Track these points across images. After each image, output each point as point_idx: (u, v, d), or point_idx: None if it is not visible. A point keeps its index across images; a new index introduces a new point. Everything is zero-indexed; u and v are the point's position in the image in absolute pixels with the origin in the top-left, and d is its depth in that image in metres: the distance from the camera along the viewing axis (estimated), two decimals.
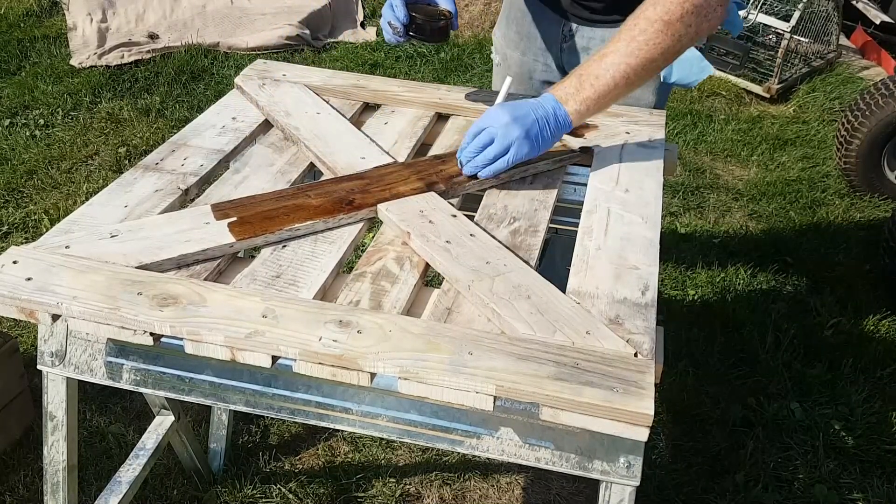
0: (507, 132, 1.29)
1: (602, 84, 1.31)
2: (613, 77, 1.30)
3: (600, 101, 1.32)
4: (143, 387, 1.19)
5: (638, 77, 1.32)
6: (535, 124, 1.30)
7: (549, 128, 1.31)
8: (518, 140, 1.29)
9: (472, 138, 1.33)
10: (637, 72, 1.31)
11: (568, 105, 1.32)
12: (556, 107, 1.31)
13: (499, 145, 1.29)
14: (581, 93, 1.31)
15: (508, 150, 1.30)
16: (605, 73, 1.30)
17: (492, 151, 1.30)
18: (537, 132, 1.30)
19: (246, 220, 1.22)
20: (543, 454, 1.07)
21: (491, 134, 1.30)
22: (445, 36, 1.54)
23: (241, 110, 1.59)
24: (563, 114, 1.31)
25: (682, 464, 2.04)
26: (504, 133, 1.29)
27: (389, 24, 1.51)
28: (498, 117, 1.30)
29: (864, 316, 2.58)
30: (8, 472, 1.94)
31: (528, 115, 1.30)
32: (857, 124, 3.16)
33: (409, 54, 4.28)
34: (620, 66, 1.30)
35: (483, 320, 1.07)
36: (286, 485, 1.93)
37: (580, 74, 1.33)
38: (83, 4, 4.24)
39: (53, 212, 2.87)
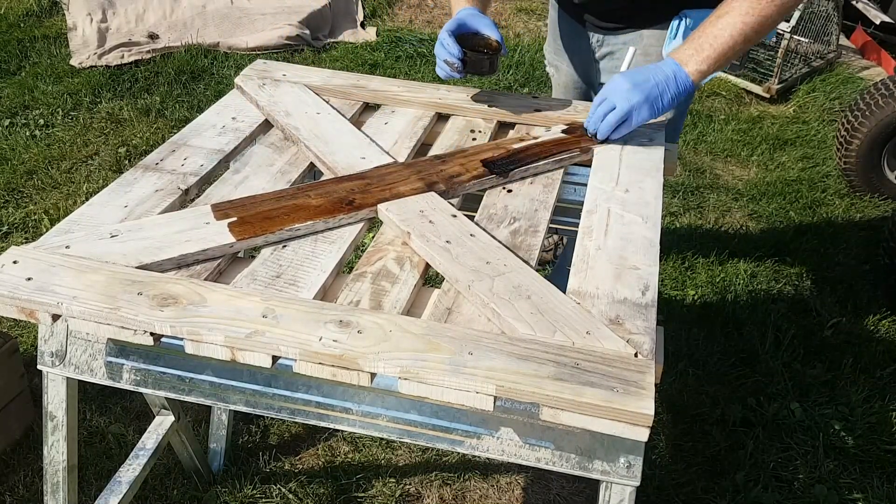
0: (626, 98, 1.37)
1: (721, 42, 1.37)
2: (731, 35, 1.36)
3: (720, 59, 1.38)
4: (143, 387, 1.19)
5: (756, 33, 1.38)
6: (654, 88, 1.37)
7: (668, 91, 1.38)
8: (638, 105, 1.37)
9: (595, 107, 1.41)
10: (755, 28, 1.37)
11: (688, 66, 1.38)
12: (677, 69, 1.38)
13: (619, 111, 1.38)
14: (700, 53, 1.38)
15: (630, 115, 1.38)
16: (722, 31, 1.37)
17: (613, 117, 1.38)
18: (657, 95, 1.37)
19: (246, 220, 1.22)
20: (543, 454, 1.07)
21: (612, 103, 1.38)
22: (497, 68, 1.58)
23: (241, 110, 1.59)
24: (683, 75, 1.38)
25: (682, 464, 2.04)
26: (624, 99, 1.37)
27: (446, 61, 1.53)
28: (619, 85, 1.38)
29: (864, 316, 2.58)
30: (8, 472, 1.94)
31: (647, 80, 1.37)
32: (857, 124, 3.16)
33: (409, 54, 4.28)
34: (737, 24, 1.36)
35: (483, 320, 1.07)
36: (286, 485, 1.93)
37: (699, 36, 1.39)
38: (83, 4, 4.24)
39: (53, 212, 2.87)
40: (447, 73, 1.54)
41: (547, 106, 1.62)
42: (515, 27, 4.80)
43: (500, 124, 1.61)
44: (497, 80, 4.05)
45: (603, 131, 1.42)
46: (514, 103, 1.63)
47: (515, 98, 1.67)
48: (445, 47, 1.51)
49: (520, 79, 4.07)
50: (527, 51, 4.34)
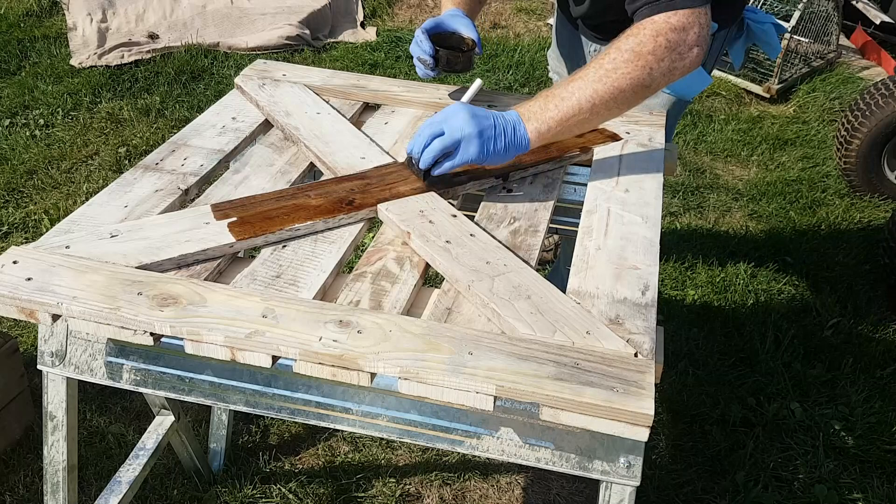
0: (461, 127, 1.24)
1: (567, 106, 1.26)
2: (579, 101, 1.26)
3: (563, 123, 1.27)
4: (143, 387, 1.19)
5: (605, 105, 1.27)
6: (491, 129, 1.25)
7: (504, 138, 1.26)
8: (469, 137, 1.24)
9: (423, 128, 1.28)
10: (604, 99, 1.26)
11: (529, 123, 1.27)
12: (517, 121, 1.27)
13: (449, 139, 1.24)
14: (545, 113, 1.27)
15: (458, 145, 1.25)
16: (570, 95, 1.27)
17: (441, 143, 1.25)
18: (491, 137, 1.25)
19: (246, 220, 1.22)
20: (543, 454, 1.07)
21: (441, 127, 1.25)
22: (471, 66, 1.57)
23: (241, 110, 1.59)
24: (522, 129, 1.27)
25: (682, 464, 2.04)
26: (458, 127, 1.24)
27: (419, 59, 1.52)
28: (455, 111, 1.26)
29: (864, 316, 2.58)
30: (8, 472, 1.94)
31: (486, 117, 1.26)
32: (857, 124, 3.16)
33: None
34: (587, 90, 1.26)
35: (483, 320, 1.07)
36: (286, 485, 1.93)
37: (547, 95, 1.29)
38: (83, 4, 4.24)
39: (53, 212, 2.87)
40: (423, 72, 1.54)
41: None
42: (515, 27, 4.80)
43: None
44: (497, 80, 4.05)
45: (426, 159, 1.27)
46: (513, 103, 1.63)
47: (515, 98, 1.67)
48: (419, 45, 1.52)
49: (520, 79, 4.07)
50: (527, 51, 4.34)
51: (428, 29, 1.54)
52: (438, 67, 1.55)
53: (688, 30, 1.26)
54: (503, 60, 4.24)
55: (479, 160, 1.26)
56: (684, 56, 1.27)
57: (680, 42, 1.26)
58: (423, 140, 1.27)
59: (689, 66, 1.29)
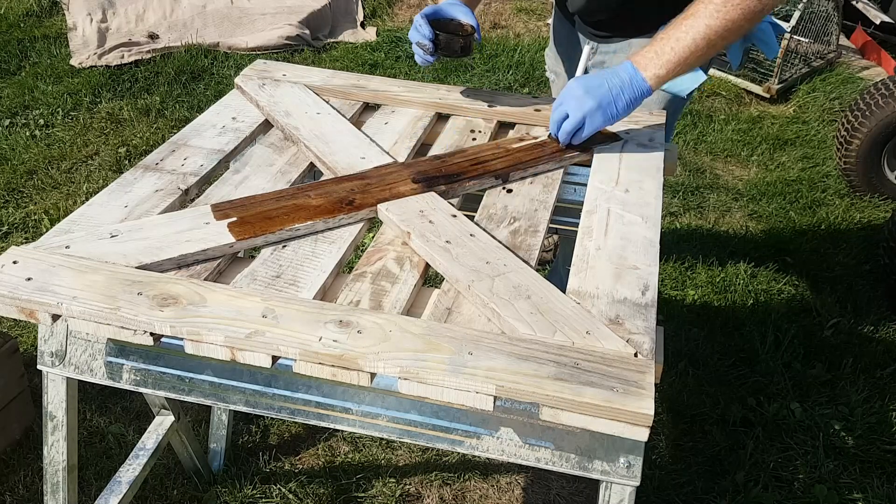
0: (579, 105, 1.34)
1: (682, 46, 1.32)
2: (694, 39, 1.31)
3: (681, 63, 1.33)
4: (143, 387, 1.19)
5: (720, 38, 1.32)
6: (608, 94, 1.33)
7: (623, 96, 1.34)
8: (590, 112, 1.34)
9: (553, 112, 1.40)
10: (719, 33, 1.31)
11: (647, 70, 1.34)
12: (633, 74, 1.34)
13: (573, 119, 1.35)
14: (661, 56, 1.33)
15: (583, 122, 1.35)
16: (685, 35, 1.32)
17: (568, 125, 1.37)
18: (610, 101, 1.33)
19: (246, 220, 1.22)
20: (543, 454, 1.07)
21: (565, 110, 1.36)
22: (471, 51, 1.59)
23: (241, 110, 1.59)
24: (639, 80, 1.34)
25: (682, 464, 2.04)
26: (577, 107, 1.35)
27: (418, 43, 1.54)
28: (573, 91, 1.36)
29: (864, 316, 2.58)
30: (8, 472, 1.94)
31: (601, 85, 1.34)
32: (857, 124, 3.16)
33: (409, 54, 4.28)
34: (701, 28, 1.31)
35: (483, 320, 1.07)
36: (286, 485, 1.93)
37: (661, 38, 1.35)
38: (83, 4, 4.24)
39: (53, 212, 2.87)
40: (422, 58, 1.57)
41: (547, 106, 1.62)
42: (515, 27, 4.80)
43: (500, 124, 1.61)
44: (497, 80, 4.05)
45: (562, 139, 1.41)
46: (514, 103, 1.63)
47: (515, 98, 1.67)
48: (418, 29, 1.54)
49: (520, 79, 4.07)
50: (527, 51, 4.34)
51: (427, 14, 1.56)
52: (437, 52, 1.56)
53: None
54: (503, 60, 4.24)
55: (606, 124, 1.37)
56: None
57: None
58: (554, 126, 1.41)
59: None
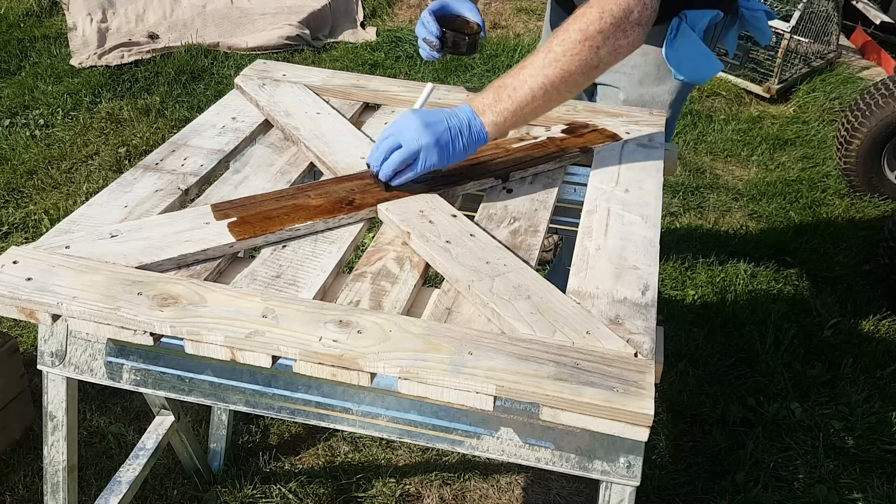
0: (416, 138, 1.24)
1: (520, 95, 1.27)
2: (531, 88, 1.27)
3: (518, 112, 1.28)
4: (143, 387, 1.19)
5: (556, 90, 1.28)
6: (447, 133, 1.25)
7: (461, 138, 1.26)
8: (427, 147, 1.24)
9: (380, 142, 1.28)
10: (555, 84, 1.27)
11: (484, 116, 1.27)
12: (472, 117, 1.27)
13: (406, 151, 1.24)
14: (498, 104, 1.28)
15: (417, 156, 1.25)
16: (522, 84, 1.27)
17: (399, 156, 1.25)
18: (448, 141, 1.25)
19: (246, 220, 1.22)
20: (543, 454, 1.07)
21: (398, 140, 1.25)
22: (476, 49, 1.58)
23: (241, 110, 1.59)
24: (478, 125, 1.27)
25: (682, 464, 2.04)
26: (413, 139, 1.24)
27: (425, 40, 1.53)
28: (409, 122, 1.25)
29: (864, 316, 2.58)
30: (8, 472, 1.94)
31: (440, 122, 1.26)
32: (857, 124, 3.16)
33: (409, 54, 4.28)
34: (538, 77, 1.27)
35: (483, 320, 1.07)
36: (286, 485, 1.93)
37: (498, 86, 1.29)
38: (83, 4, 4.24)
39: (53, 212, 2.87)
40: (427, 53, 1.55)
41: None
42: (515, 27, 4.80)
43: None
44: None
45: (385, 172, 1.27)
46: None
47: None
48: (425, 26, 1.53)
49: None
50: (527, 51, 4.34)
51: (434, 10, 1.55)
52: (444, 50, 1.56)
53: (632, 9, 1.28)
54: (503, 60, 4.24)
55: (441, 165, 1.27)
56: (628, 34, 1.29)
57: (623, 20, 1.28)
58: (381, 154, 1.27)
59: (632, 46, 1.31)
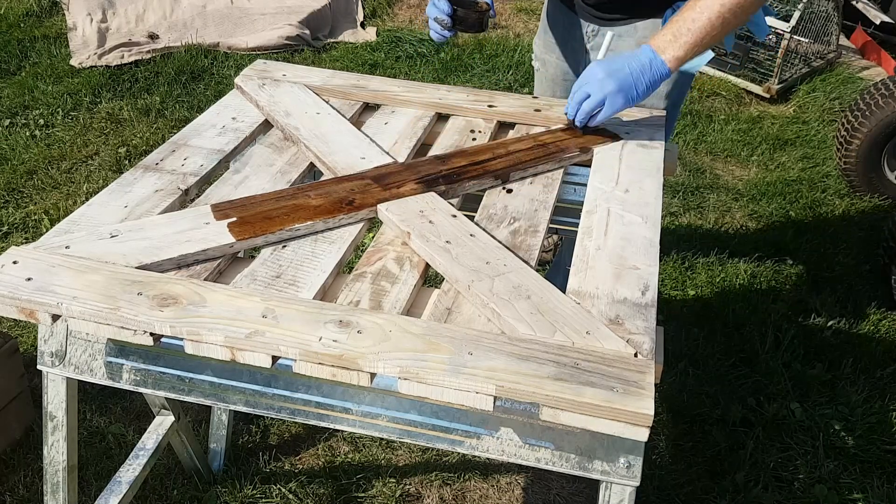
0: (601, 87, 1.38)
1: (699, 27, 1.37)
2: (710, 18, 1.37)
3: (698, 43, 1.39)
4: (143, 387, 1.19)
5: (734, 16, 1.37)
6: (629, 77, 1.38)
7: (643, 79, 1.39)
8: (611, 94, 1.38)
9: (573, 94, 1.43)
10: (732, 10, 1.37)
11: (665, 53, 1.39)
12: (653, 57, 1.39)
13: (594, 100, 1.39)
14: (679, 39, 1.38)
15: (604, 103, 1.39)
16: (700, 15, 1.37)
17: (588, 105, 1.40)
18: (631, 84, 1.38)
19: (246, 220, 1.22)
20: (543, 454, 1.07)
21: (586, 91, 1.40)
22: (486, 26, 1.63)
23: (241, 110, 1.59)
24: (659, 62, 1.39)
25: (682, 464, 2.04)
26: (598, 88, 1.38)
27: (436, 19, 1.59)
28: (594, 73, 1.40)
29: (864, 316, 2.58)
30: (8, 472, 1.94)
31: (622, 68, 1.38)
32: (857, 124, 3.16)
33: (409, 54, 4.28)
34: (714, 7, 1.36)
35: (483, 320, 1.07)
36: (286, 485, 1.93)
37: (676, 21, 1.39)
38: (83, 4, 4.24)
39: (53, 212, 2.87)
40: (438, 33, 1.61)
41: (547, 106, 1.62)
42: (515, 27, 4.80)
43: (500, 124, 1.61)
44: (497, 80, 4.05)
45: (580, 119, 1.44)
46: (514, 103, 1.63)
47: (515, 98, 1.67)
48: (435, 5, 1.58)
49: (520, 79, 4.07)
50: (527, 51, 4.33)
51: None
52: (455, 27, 1.59)
53: None
54: (503, 60, 4.24)
55: (626, 106, 1.41)
56: None
57: None
58: (574, 105, 1.43)
59: None
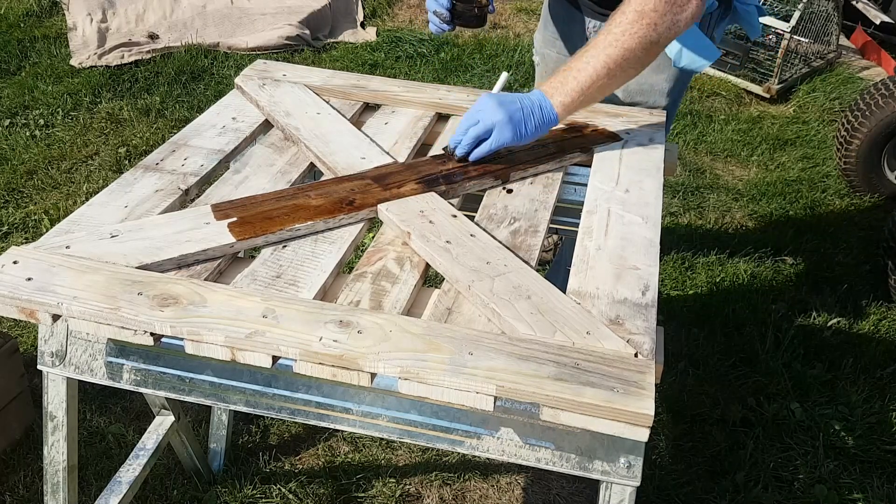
0: (491, 115, 1.35)
1: (585, 76, 1.36)
2: (595, 68, 1.36)
3: (585, 92, 1.37)
4: (143, 387, 1.19)
5: (619, 68, 1.36)
6: (519, 112, 1.36)
7: (533, 118, 1.37)
8: (500, 123, 1.35)
9: (462, 122, 1.40)
10: (618, 62, 1.36)
11: (553, 98, 1.38)
12: (542, 99, 1.38)
13: (482, 126, 1.36)
14: (566, 85, 1.37)
15: (491, 132, 1.36)
16: (586, 65, 1.36)
17: (476, 130, 1.37)
18: (521, 119, 1.36)
19: (246, 220, 1.22)
20: (544, 454, 1.07)
21: (475, 118, 1.37)
22: (485, 21, 1.63)
23: (242, 110, 1.59)
24: (548, 106, 1.37)
25: (682, 464, 2.04)
26: (488, 116, 1.36)
27: (435, 12, 1.59)
28: (485, 103, 1.37)
29: (864, 316, 2.58)
30: (8, 472, 1.94)
31: (513, 102, 1.37)
32: (857, 124, 3.16)
33: (409, 54, 4.28)
34: (600, 57, 1.35)
35: (483, 320, 1.07)
36: (286, 485, 1.93)
37: (565, 69, 1.39)
38: (83, 4, 4.24)
39: (53, 212, 2.87)
40: (437, 26, 1.61)
41: None
42: (515, 27, 4.80)
43: None
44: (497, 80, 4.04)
45: (466, 143, 1.38)
46: None
47: None
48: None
49: (520, 79, 4.07)
50: (527, 51, 4.33)
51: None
52: (454, 21, 1.60)
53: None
54: (503, 60, 4.24)
55: (513, 142, 1.37)
56: (684, 7, 1.36)
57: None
58: (460, 131, 1.40)
59: (690, 19, 1.38)
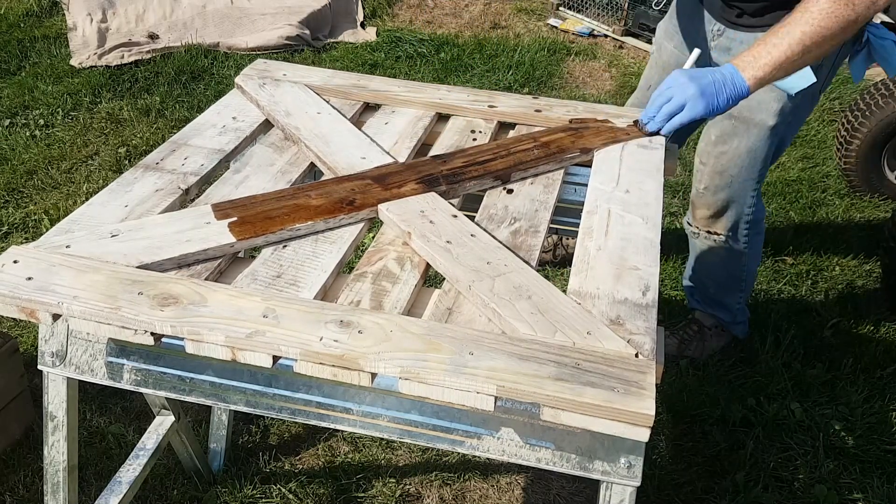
0: (683, 91, 1.42)
1: (779, 51, 1.41)
2: (789, 44, 1.41)
3: (777, 67, 1.43)
4: (143, 387, 1.19)
5: (815, 44, 1.41)
6: (710, 86, 1.42)
7: (725, 91, 1.42)
8: (693, 98, 1.41)
9: (653, 99, 1.46)
10: (813, 39, 1.40)
11: (746, 72, 1.43)
12: (734, 73, 1.42)
13: (675, 103, 1.43)
14: (759, 60, 1.42)
15: (684, 107, 1.42)
16: (781, 41, 1.41)
17: (669, 108, 1.44)
18: (713, 93, 1.42)
19: (246, 219, 1.22)
20: (544, 454, 1.07)
21: (668, 94, 1.44)
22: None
23: (242, 110, 1.59)
24: (740, 80, 1.43)
25: (682, 464, 2.04)
26: (681, 92, 1.42)
27: None
28: (676, 79, 1.44)
29: (864, 316, 2.58)
30: (8, 472, 1.94)
31: (705, 76, 1.41)
32: (857, 124, 3.16)
33: (409, 54, 4.28)
34: (796, 33, 1.40)
35: (484, 320, 1.07)
36: (286, 485, 1.93)
37: (759, 44, 1.43)
38: (83, 4, 4.24)
39: (53, 212, 2.87)
40: None
41: (547, 106, 1.62)
42: (515, 27, 4.80)
43: (500, 124, 1.61)
44: (497, 80, 4.05)
45: (659, 119, 1.46)
46: (514, 103, 1.63)
47: (515, 98, 1.67)
48: None
49: (520, 79, 4.07)
50: (527, 51, 4.34)
51: None
52: None
53: None
54: (503, 60, 4.24)
55: (706, 115, 1.43)
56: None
57: None
58: (654, 108, 1.46)
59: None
